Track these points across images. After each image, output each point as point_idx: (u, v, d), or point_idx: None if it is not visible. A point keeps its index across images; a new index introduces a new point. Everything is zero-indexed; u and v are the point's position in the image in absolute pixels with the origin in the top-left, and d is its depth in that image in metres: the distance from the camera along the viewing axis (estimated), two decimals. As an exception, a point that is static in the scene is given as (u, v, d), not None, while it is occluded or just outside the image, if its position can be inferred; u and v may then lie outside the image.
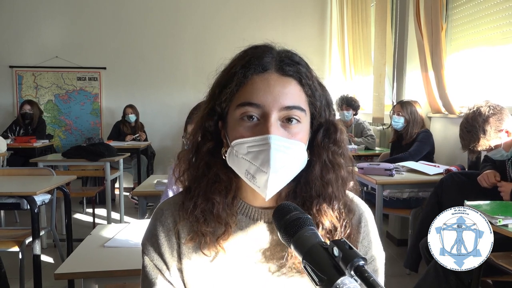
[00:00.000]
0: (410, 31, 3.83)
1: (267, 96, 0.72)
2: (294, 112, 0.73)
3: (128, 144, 5.10)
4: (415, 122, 3.40)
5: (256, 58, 0.75)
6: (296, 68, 0.75)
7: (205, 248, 0.77)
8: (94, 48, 5.97)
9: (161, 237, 0.80)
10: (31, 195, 2.48)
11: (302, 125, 0.75)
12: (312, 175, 0.77)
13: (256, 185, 0.73)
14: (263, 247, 0.79)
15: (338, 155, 0.79)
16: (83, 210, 4.85)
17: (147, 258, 0.81)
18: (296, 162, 0.74)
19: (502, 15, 2.90)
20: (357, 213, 0.83)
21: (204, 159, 0.79)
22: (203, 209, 0.77)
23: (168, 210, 0.82)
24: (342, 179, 0.80)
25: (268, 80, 0.73)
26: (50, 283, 2.73)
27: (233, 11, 6.01)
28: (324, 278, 0.54)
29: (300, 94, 0.75)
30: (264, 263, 0.79)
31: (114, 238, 1.67)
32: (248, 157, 0.72)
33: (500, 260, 1.79)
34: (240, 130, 0.73)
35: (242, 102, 0.73)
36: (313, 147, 0.78)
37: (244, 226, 0.80)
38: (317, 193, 0.77)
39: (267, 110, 0.72)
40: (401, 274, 3.04)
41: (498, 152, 2.24)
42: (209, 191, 0.77)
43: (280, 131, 0.72)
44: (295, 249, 0.61)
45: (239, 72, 0.74)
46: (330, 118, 0.80)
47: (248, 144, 0.72)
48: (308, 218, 0.64)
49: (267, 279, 0.78)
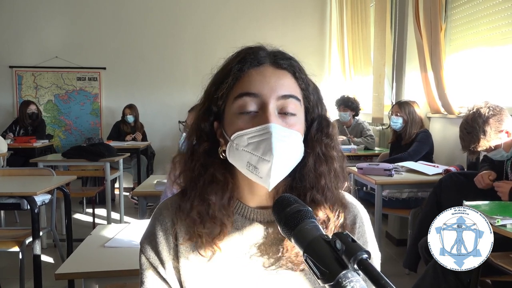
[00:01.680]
0: (410, 32, 3.84)
1: (263, 86, 0.74)
2: (291, 101, 0.75)
3: (128, 144, 5.10)
4: (413, 122, 3.40)
5: (251, 53, 0.78)
6: (289, 62, 0.79)
7: (201, 249, 0.78)
8: (94, 48, 5.97)
9: (159, 236, 0.81)
10: (31, 195, 2.49)
11: (297, 117, 0.76)
12: (306, 168, 0.79)
13: (259, 176, 0.73)
14: (259, 247, 0.80)
15: (331, 148, 0.81)
16: (83, 210, 4.85)
17: (143, 257, 0.82)
18: (295, 152, 0.76)
19: (501, 15, 2.90)
20: (352, 213, 0.84)
21: (200, 160, 0.79)
22: (199, 210, 0.78)
23: (166, 210, 0.83)
24: (335, 171, 0.81)
25: (264, 72, 0.76)
26: (50, 283, 2.73)
27: (233, 11, 6.02)
28: (326, 271, 0.53)
29: (295, 86, 0.78)
30: (259, 261, 0.80)
31: (115, 238, 1.67)
32: (249, 149, 0.73)
33: (499, 260, 1.79)
34: (238, 123, 0.74)
35: (240, 93, 0.75)
36: (307, 141, 0.79)
37: (241, 226, 0.81)
38: (311, 185, 0.79)
39: (265, 99, 0.74)
40: (400, 274, 3.05)
41: (498, 152, 2.24)
42: (205, 191, 0.78)
43: (279, 121, 0.74)
44: (296, 242, 0.59)
45: (235, 67, 0.76)
46: (322, 113, 0.82)
47: (248, 135, 0.73)
48: (309, 210, 0.63)
49: (262, 277, 0.79)
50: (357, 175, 3.04)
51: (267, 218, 0.81)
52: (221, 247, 0.79)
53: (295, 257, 0.77)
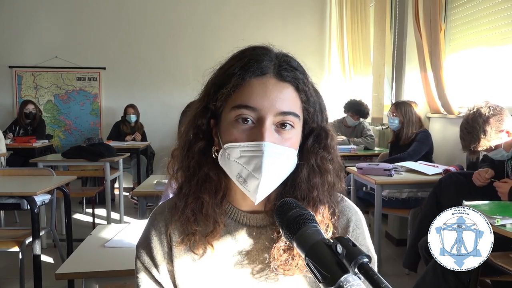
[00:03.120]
0: (409, 32, 3.84)
1: (264, 100, 0.73)
2: (289, 117, 0.74)
3: (127, 144, 5.10)
4: (410, 123, 3.39)
5: (255, 61, 0.75)
6: (294, 74, 0.76)
7: (195, 247, 0.79)
8: (93, 48, 5.97)
9: (154, 240, 0.82)
10: (31, 195, 2.48)
11: (295, 130, 0.76)
12: (299, 178, 0.78)
13: (247, 189, 0.74)
14: (249, 251, 0.80)
15: (326, 160, 0.80)
16: (83, 210, 4.85)
17: (139, 261, 0.83)
18: (286, 168, 0.76)
19: (501, 15, 2.91)
20: (345, 217, 0.84)
21: (195, 158, 0.79)
22: (193, 208, 0.79)
23: (160, 214, 0.84)
24: (329, 184, 0.80)
25: (266, 85, 0.74)
26: (50, 283, 2.73)
27: (232, 12, 6.01)
28: (327, 275, 0.53)
29: (296, 100, 0.76)
30: (248, 266, 0.80)
31: (114, 238, 1.67)
32: (241, 161, 0.73)
33: (499, 260, 1.79)
34: (234, 132, 0.73)
35: (239, 104, 0.73)
36: (302, 152, 0.79)
37: (232, 230, 0.81)
38: (302, 196, 0.78)
39: (263, 114, 0.72)
40: (400, 274, 3.05)
41: (498, 152, 2.24)
42: (198, 190, 0.79)
43: (274, 137, 0.73)
44: (298, 246, 0.60)
45: (237, 74, 0.74)
46: (322, 124, 0.81)
47: (241, 148, 0.73)
48: (310, 215, 0.63)
49: (251, 283, 0.79)
50: (356, 175, 3.04)
51: (259, 223, 0.81)
52: (214, 248, 0.79)
53: (283, 266, 0.76)
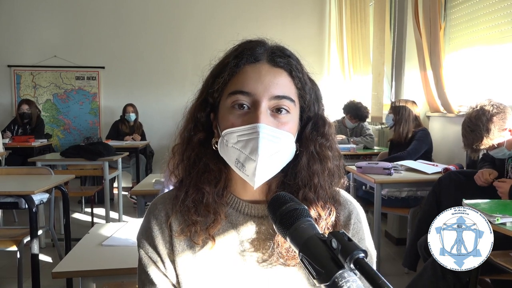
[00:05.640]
0: (409, 31, 3.84)
1: (257, 85, 0.74)
2: (284, 101, 0.75)
3: (126, 144, 5.10)
4: (402, 120, 3.37)
5: (249, 49, 0.78)
6: (287, 60, 0.78)
7: (196, 237, 0.79)
8: (92, 48, 5.96)
9: (155, 230, 0.82)
10: (29, 194, 2.48)
11: (291, 115, 0.77)
12: (299, 166, 0.79)
13: (245, 174, 0.74)
14: (252, 242, 0.80)
15: (325, 147, 0.81)
16: (82, 209, 4.84)
17: (142, 251, 0.83)
18: (284, 153, 0.76)
19: (500, 14, 2.90)
20: (347, 210, 0.84)
21: (195, 149, 0.80)
22: (194, 198, 0.79)
23: (161, 204, 0.84)
24: (329, 170, 0.81)
25: (260, 70, 0.76)
26: (48, 282, 2.72)
27: (232, 11, 6.01)
28: (322, 271, 0.51)
29: (290, 85, 0.77)
30: (252, 256, 0.80)
31: (112, 237, 1.67)
32: (238, 146, 0.74)
33: (498, 259, 1.79)
34: (230, 118, 0.75)
35: (234, 90, 0.75)
36: (301, 140, 0.80)
37: (234, 220, 0.82)
38: (303, 182, 0.79)
39: (258, 99, 0.74)
40: (400, 273, 3.05)
41: (500, 151, 2.23)
42: (199, 181, 0.79)
43: (269, 120, 0.74)
44: (292, 241, 0.59)
45: (231, 62, 0.77)
46: (319, 112, 0.82)
47: (238, 133, 0.74)
48: (304, 209, 0.62)
49: (255, 272, 0.79)
50: (356, 174, 3.03)
51: (261, 213, 0.82)
52: (215, 239, 0.79)
53: (286, 253, 0.77)
